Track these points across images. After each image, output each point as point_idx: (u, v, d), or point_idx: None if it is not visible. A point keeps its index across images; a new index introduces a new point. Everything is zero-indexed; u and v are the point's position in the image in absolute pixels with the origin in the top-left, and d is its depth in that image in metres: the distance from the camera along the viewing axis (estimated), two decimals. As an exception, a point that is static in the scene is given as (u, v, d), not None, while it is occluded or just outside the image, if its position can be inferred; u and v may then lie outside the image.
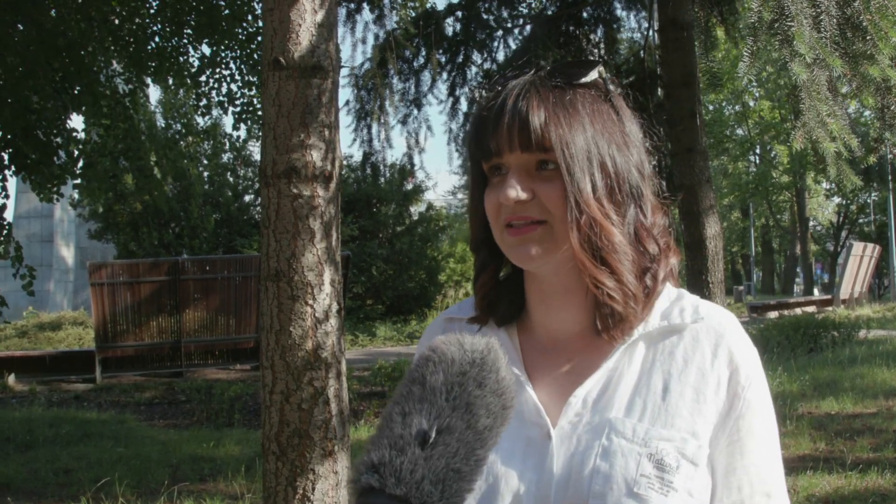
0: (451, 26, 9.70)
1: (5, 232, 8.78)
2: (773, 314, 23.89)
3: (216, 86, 10.54)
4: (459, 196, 49.57)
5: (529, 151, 1.14)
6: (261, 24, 9.36)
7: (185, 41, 10.18)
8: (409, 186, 26.37)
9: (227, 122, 49.18)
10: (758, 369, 1.18)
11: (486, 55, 9.77)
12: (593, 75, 1.19)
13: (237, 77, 10.51)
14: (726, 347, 1.16)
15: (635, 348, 1.18)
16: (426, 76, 9.52)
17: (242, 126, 10.84)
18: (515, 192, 1.13)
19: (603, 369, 1.17)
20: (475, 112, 1.23)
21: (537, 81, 1.18)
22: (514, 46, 9.73)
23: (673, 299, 1.22)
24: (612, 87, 1.23)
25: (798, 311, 24.14)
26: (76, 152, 9.61)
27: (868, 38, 4.31)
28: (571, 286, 1.20)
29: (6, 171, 8.83)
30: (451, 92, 9.59)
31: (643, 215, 1.20)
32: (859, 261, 28.01)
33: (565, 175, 1.12)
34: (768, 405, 1.18)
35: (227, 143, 24.64)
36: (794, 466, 6.64)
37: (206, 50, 10.36)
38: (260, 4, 9.81)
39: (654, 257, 1.20)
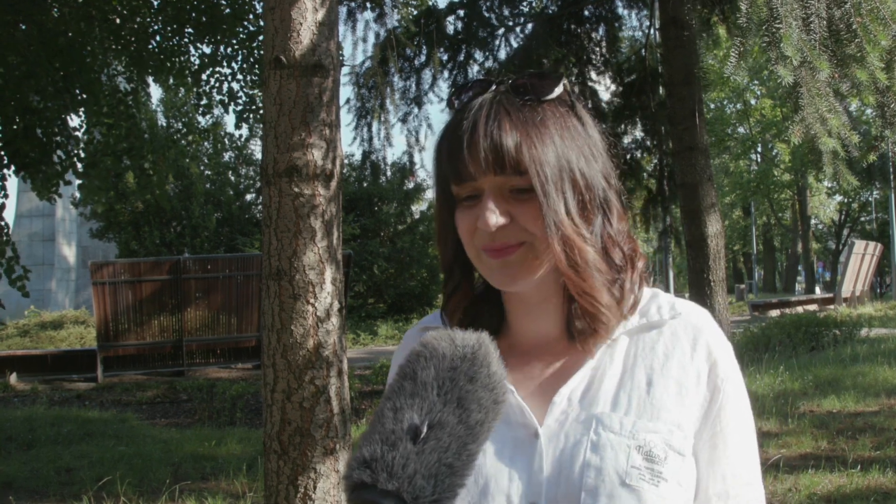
0: (452, 24, 9.70)
1: (3, 232, 8.78)
2: (774, 312, 23.88)
3: (217, 85, 10.55)
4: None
5: (504, 174, 1.12)
6: (262, 22, 9.37)
7: (186, 40, 10.19)
8: (411, 185, 26.38)
9: (229, 120, 49.29)
10: (734, 363, 1.21)
11: (487, 54, 9.77)
12: (559, 90, 1.18)
13: (238, 76, 10.52)
14: (704, 342, 1.19)
15: (616, 345, 1.20)
16: (427, 74, 9.52)
17: (243, 125, 10.84)
18: (495, 217, 1.12)
19: (586, 368, 1.18)
20: (443, 132, 1.21)
21: (504, 100, 1.15)
22: (515, 45, 9.73)
23: (649, 297, 1.25)
24: (574, 97, 1.22)
25: (800, 309, 24.14)
26: (77, 151, 9.61)
27: (857, 40, 4.30)
28: (549, 295, 1.21)
29: (6, 171, 8.84)
30: (453, 90, 9.59)
31: (609, 225, 1.21)
32: (861, 259, 27.99)
33: (541, 196, 1.11)
34: (745, 397, 1.22)
35: (228, 142, 24.69)
36: (796, 465, 6.64)
37: (207, 49, 10.37)
38: (261, 3, 9.82)
39: (620, 267, 1.21)
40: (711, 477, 1.17)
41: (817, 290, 43.79)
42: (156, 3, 9.97)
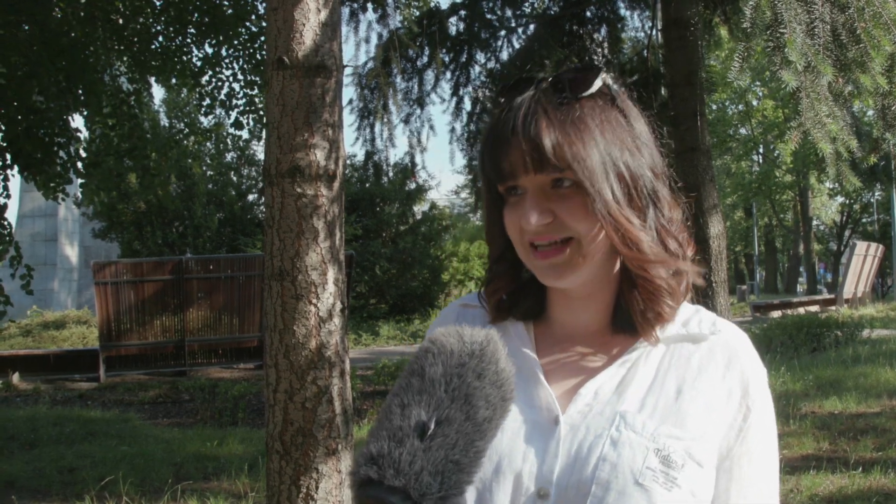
0: (454, 25, 9.68)
1: (6, 232, 8.78)
2: (776, 313, 23.86)
3: (219, 85, 10.56)
4: (462, 195, 49.56)
5: (544, 172, 1.14)
6: (264, 23, 9.37)
7: (189, 41, 10.19)
8: (413, 186, 26.36)
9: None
10: (766, 388, 1.22)
11: (489, 54, 9.76)
12: (598, 84, 1.19)
13: (240, 77, 10.52)
14: (739, 363, 1.20)
15: (652, 350, 1.21)
16: (429, 75, 9.50)
17: (246, 124, 10.86)
18: (535, 217, 1.14)
19: (618, 365, 1.20)
20: (485, 131, 1.23)
21: (542, 98, 1.16)
22: (517, 46, 9.72)
23: (693, 312, 1.26)
24: (616, 90, 1.22)
25: (801, 310, 24.12)
26: (80, 151, 9.61)
27: (861, 45, 4.30)
28: (595, 291, 1.23)
29: (8, 171, 8.84)
30: (455, 91, 9.58)
31: (661, 214, 1.21)
32: (862, 260, 27.95)
33: (590, 191, 1.12)
34: (773, 423, 1.23)
35: (231, 143, 24.69)
36: (798, 466, 6.64)
37: (210, 50, 10.37)
38: (263, 4, 9.82)
39: (676, 255, 1.22)
40: (732, 497, 1.18)
41: (819, 291, 43.74)
42: (158, 3, 9.98)
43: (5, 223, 8.81)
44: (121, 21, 9.64)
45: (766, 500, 1.20)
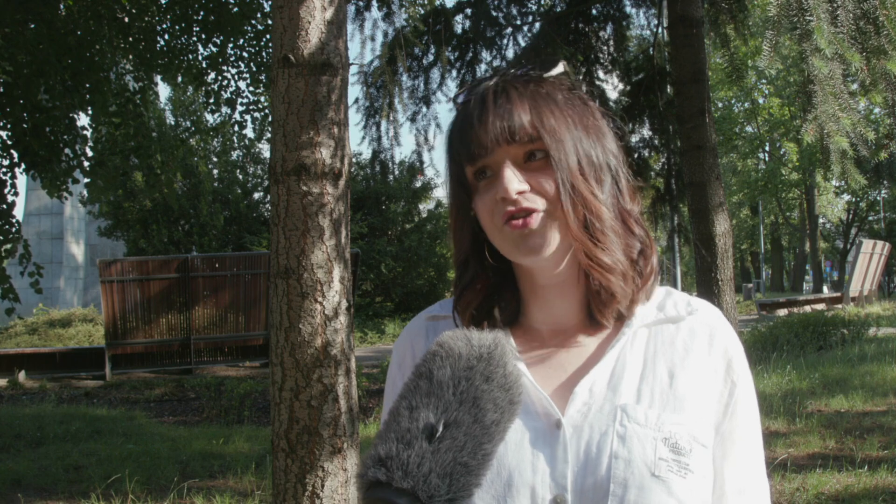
0: (460, 24, 9.68)
1: (14, 230, 8.81)
2: (782, 312, 23.83)
3: (224, 84, 10.57)
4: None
5: (518, 143, 1.16)
6: (269, 21, 9.38)
7: (194, 39, 10.20)
8: (418, 184, 26.39)
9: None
10: (745, 362, 1.25)
11: (495, 52, 9.74)
12: (560, 68, 1.23)
13: (245, 75, 10.54)
14: (721, 340, 1.22)
15: (635, 338, 1.22)
16: (435, 73, 9.50)
17: (249, 124, 10.88)
18: (516, 182, 1.15)
19: (607, 359, 1.19)
20: (452, 122, 1.24)
21: (510, 79, 1.21)
22: (523, 44, 9.71)
23: (664, 294, 1.27)
24: (575, 79, 1.26)
25: (807, 308, 24.05)
26: (86, 150, 9.64)
27: (884, 32, 4.30)
28: (567, 278, 1.23)
29: (16, 169, 8.87)
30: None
31: (622, 198, 1.24)
32: (869, 258, 27.90)
33: (555, 158, 1.15)
34: (755, 395, 1.25)
35: (237, 140, 24.73)
36: (804, 464, 6.62)
37: (215, 48, 10.38)
38: (269, 2, 9.82)
39: (642, 239, 1.24)
40: (728, 471, 1.19)
41: (825, 289, 43.66)
42: (164, 1, 9.99)
43: (13, 220, 8.83)
44: (126, 19, 9.65)
45: (756, 473, 1.23)
